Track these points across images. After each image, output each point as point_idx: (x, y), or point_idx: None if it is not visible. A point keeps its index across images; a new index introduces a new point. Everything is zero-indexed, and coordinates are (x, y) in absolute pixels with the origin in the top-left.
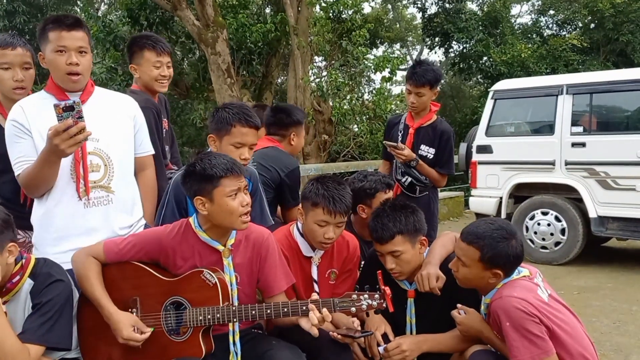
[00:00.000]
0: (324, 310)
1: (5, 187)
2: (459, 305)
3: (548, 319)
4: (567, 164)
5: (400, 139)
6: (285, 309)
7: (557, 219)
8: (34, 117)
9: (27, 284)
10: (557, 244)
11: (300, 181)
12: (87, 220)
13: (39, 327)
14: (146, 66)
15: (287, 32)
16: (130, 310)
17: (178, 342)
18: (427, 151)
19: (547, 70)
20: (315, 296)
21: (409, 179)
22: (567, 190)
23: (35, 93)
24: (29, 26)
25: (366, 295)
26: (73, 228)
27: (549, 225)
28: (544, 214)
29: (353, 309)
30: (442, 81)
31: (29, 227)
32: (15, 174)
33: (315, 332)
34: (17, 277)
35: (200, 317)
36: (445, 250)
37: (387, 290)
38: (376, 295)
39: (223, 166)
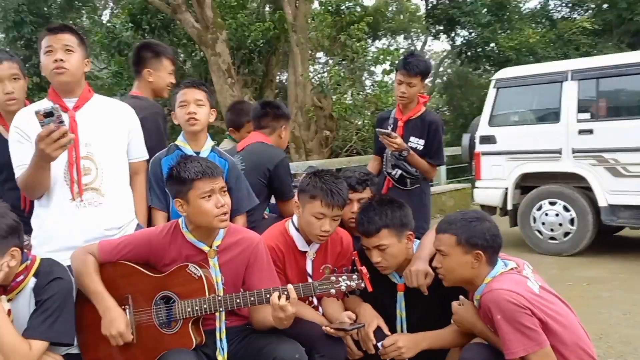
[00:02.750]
0: (284, 300)
1: (9, 194)
2: (461, 297)
3: (540, 310)
4: (574, 152)
5: (379, 129)
6: (268, 295)
7: (565, 208)
8: (34, 123)
9: (31, 282)
10: (566, 234)
11: (290, 171)
12: (78, 221)
13: (41, 324)
14: (163, 72)
15: (286, 30)
16: (123, 307)
17: (169, 335)
18: (417, 143)
19: (559, 55)
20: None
21: (399, 172)
22: (575, 179)
23: (39, 101)
24: (37, 35)
25: (344, 277)
26: (64, 228)
27: (557, 215)
28: (552, 204)
29: (332, 290)
30: (449, 70)
31: (28, 232)
32: (16, 177)
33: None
34: (22, 277)
35: (189, 309)
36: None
37: (364, 270)
38: (354, 276)
39: (195, 169)
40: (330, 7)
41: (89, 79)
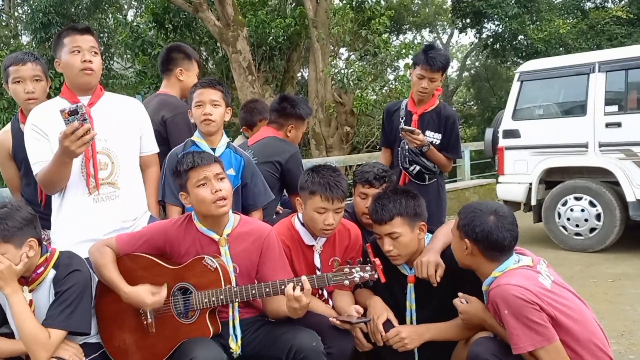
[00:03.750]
0: (298, 291)
1: (28, 189)
2: (460, 294)
3: (550, 306)
4: (601, 145)
5: (403, 125)
6: (283, 286)
7: (591, 204)
8: (51, 120)
9: (51, 273)
10: (592, 230)
11: (302, 165)
12: (96, 214)
13: (59, 314)
14: (192, 73)
15: (307, 26)
16: None
17: (187, 324)
18: (433, 137)
19: (590, 46)
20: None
21: (417, 168)
22: (601, 174)
23: (51, 99)
24: None
25: (358, 268)
26: (83, 221)
27: (582, 210)
28: (577, 199)
29: (346, 282)
30: (477, 63)
31: (47, 226)
32: (34, 173)
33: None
34: (42, 268)
35: (205, 300)
36: (448, 238)
37: (378, 261)
38: (367, 267)
39: (188, 161)
40: (352, 3)
41: (114, 77)
